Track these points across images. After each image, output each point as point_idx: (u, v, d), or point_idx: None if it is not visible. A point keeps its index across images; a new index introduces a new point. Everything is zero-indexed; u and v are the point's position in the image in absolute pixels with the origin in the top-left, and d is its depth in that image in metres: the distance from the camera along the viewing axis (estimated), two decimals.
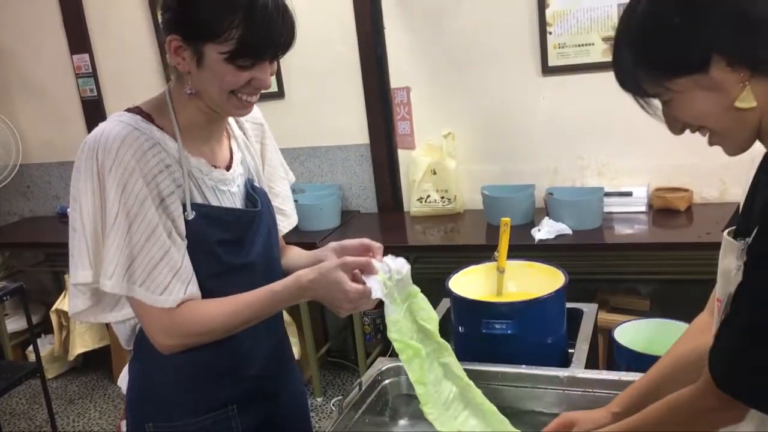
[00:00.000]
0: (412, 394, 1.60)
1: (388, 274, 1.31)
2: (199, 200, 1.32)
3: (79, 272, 1.26)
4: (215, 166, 1.36)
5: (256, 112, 1.49)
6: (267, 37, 1.22)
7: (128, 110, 1.31)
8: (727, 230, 1.09)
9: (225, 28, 1.19)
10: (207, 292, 1.31)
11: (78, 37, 3.99)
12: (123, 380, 1.45)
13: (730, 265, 1.05)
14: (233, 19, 1.19)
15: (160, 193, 1.25)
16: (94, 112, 4.06)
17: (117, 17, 3.90)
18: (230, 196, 1.38)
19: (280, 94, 3.61)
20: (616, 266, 3.12)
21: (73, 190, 1.26)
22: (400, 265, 1.35)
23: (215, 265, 1.32)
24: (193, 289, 1.29)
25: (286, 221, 1.59)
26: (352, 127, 3.62)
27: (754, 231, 0.96)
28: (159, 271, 1.24)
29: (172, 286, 1.25)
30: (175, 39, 1.23)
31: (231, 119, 1.46)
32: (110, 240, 1.23)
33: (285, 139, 3.60)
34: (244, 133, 1.49)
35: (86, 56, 4.00)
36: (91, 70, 4.02)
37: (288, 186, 1.60)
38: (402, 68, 3.47)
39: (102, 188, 1.22)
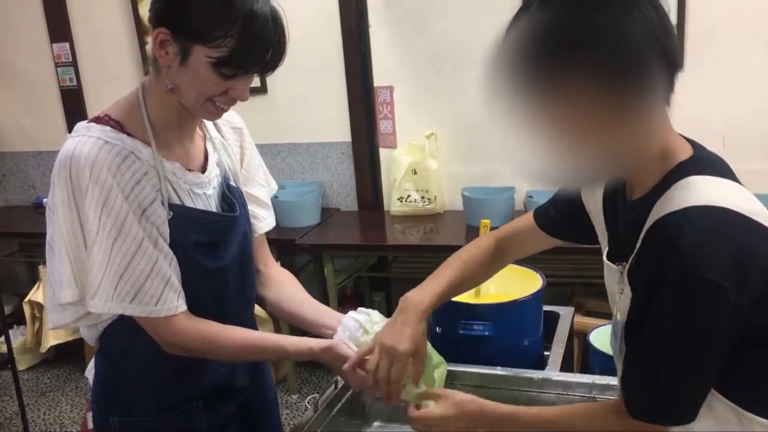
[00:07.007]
0: None
1: (360, 331, 1.36)
2: (177, 202, 1.31)
3: (65, 291, 1.25)
4: (189, 170, 1.34)
5: (234, 116, 1.48)
6: (259, 52, 1.21)
7: (96, 119, 1.27)
8: (605, 253, 1.13)
9: (220, 35, 1.18)
10: None
11: (59, 26, 3.93)
12: (90, 371, 1.45)
13: (612, 288, 1.10)
14: (230, 28, 1.17)
15: (141, 204, 1.24)
16: (73, 102, 4.01)
17: (99, 7, 3.85)
18: (205, 198, 1.36)
19: (262, 90, 3.59)
20: (592, 270, 3.14)
21: (50, 204, 1.25)
22: (370, 318, 1.39)
23: (189, 268, 1.31)
24: (183, 301, 1.29)
25: (262, 224, 1.55)
26: (334, 124, 3.61)
27: (631, 257, 0.99)
28: (150, 283, 1.24)
29: (165, 296, 1.26)
30: (163, 32, 1.20)
31: (207, 121, 1.44)
32: (92, 260, 1.22)
33: (266, 135, 3.61)
34: (222, 135, 1.47)
35: (66, 45, 3.94)
36: (71, 60, 3.96)
37: (266, 193, 1.56)
38: (386, 67, 3.47)
39: (79, 206, 1.21)
